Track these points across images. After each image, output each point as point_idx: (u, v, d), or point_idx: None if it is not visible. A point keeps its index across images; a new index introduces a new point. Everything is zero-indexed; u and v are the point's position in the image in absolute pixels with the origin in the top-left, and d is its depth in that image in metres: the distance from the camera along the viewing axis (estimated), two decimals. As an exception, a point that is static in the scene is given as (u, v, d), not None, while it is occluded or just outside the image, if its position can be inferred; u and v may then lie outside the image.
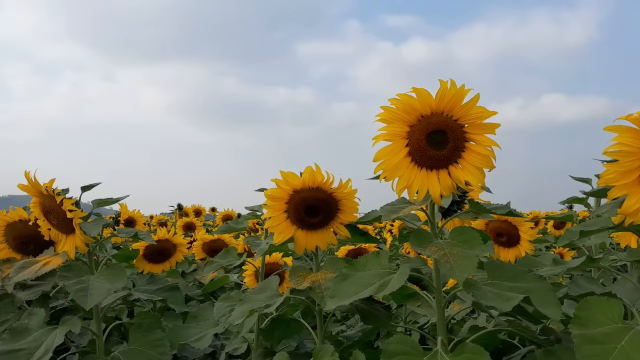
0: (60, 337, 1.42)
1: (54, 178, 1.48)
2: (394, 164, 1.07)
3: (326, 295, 1.19)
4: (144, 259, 2.44)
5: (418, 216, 1.36)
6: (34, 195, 1.57)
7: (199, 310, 1.70)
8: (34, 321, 1.53)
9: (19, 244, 1.73)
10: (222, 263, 1.68)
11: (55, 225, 1.56)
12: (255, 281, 2.09)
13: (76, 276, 1.50)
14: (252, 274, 2.24)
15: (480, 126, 1.05)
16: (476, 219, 1.51)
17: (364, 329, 1.50)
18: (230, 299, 1.55)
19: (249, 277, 2.26)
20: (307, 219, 1.32)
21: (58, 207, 1.50)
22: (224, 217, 5.71)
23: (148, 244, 2.28)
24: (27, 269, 1.51)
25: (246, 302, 1.36)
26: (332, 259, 1.33)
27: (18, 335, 1.47)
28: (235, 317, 1.31)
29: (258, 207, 1.76)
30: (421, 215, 1.42)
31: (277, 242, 1.35)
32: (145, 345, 1.53)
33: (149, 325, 1.60)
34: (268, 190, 1.30)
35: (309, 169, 1.26)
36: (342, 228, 1.35)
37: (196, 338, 1.56)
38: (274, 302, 1.30)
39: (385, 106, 1.06)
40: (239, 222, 1.73)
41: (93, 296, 1.42)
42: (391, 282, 1.07)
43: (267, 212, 1.33)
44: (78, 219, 1.49)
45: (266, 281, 1.41)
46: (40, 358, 1.38)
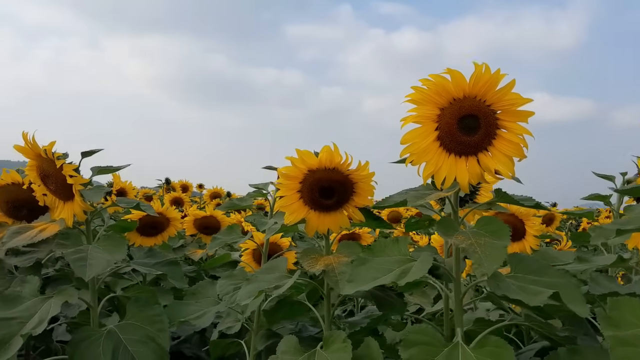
0: (57, 308, 1.36)
1: (54, 141, 1.40)
2: (422, 148, 1.03)
3: (341, 280, 1.15)
4: (136, 232, 2.38)
5: (430, 204, 1.33)
6: (30, 158, 1.50)
7: (197, 287, 1.65)
8: (26, 289, 1.46)
9: (11, 208, 1.65)
10: (226, 240, 1.63)
11: (53, 190, 1.49)
12: (253, 260, 2.05)
13: (74, 245, 1.44)
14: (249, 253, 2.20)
15: (513, 113, 1.01)
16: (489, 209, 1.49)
17: (370, 315, 1.47)
18: (234, 277, 1.50)
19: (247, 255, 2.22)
20: (321, 200, 1.27)
21: (57, 171, 1.43)
22: (212, 195, 5.64)
23: (141, 215, 2.22)
24: (22, 234, 1.45)
25: (253, 282, 1.31)
26: (345, 242, 1.29)
27: (10, 303, 1.41)
28: (242, 297, 1.27)
29: (263, 185, 1.71)
30: (433, 203, 1.38)
31: (289, 222, 1.30)
32: (143, 321, 1.48)
33: (146, 300, 1.54)
34: (282, 168, 1.25)
35: (326, 148, 1.21)
36: (357, 212, 1.31)
37: (196, 316, 1.51)
38: (283, 284, 1.26)
39: (416, 86, 1.01)
40: (243, 200, 1.68)
41: (92, 267, 1.36)
42: (412, 269, 1.04)
43: (280, 190, 1.28)
44: (79, 185, 1.43)
45: (274, 261, 1.36)
46: (34, 327, 1.32)
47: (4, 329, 1.35)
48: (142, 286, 1.68)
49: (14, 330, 1.35)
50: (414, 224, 1.52)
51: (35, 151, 1.44)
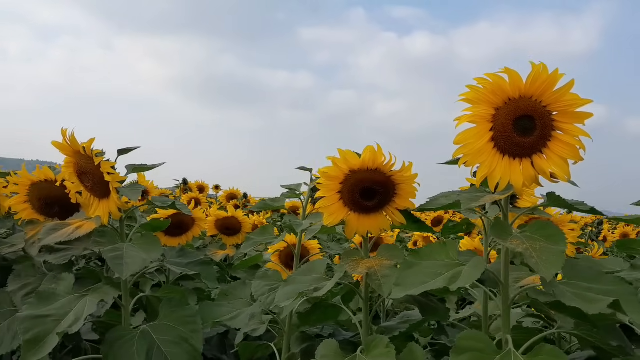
0: (93, 306, 1.35)
1: (93, 137, 1.40)
2: (476, 149, 1.00)
3: (384, 283, 1.13)
4: (161, 231, 2.37)
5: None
6: (67, 155, 1.49)
7: (229, 288, 1.64)
8: (61, 287, 1.46)
9: (43, 205, 1.65)
10: (259, 240, 1.61)
11: (89, 188, 1.48)
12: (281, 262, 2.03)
13: (110, 243, 1.43)
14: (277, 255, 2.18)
15: (571, 115, 0.98)
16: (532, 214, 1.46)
17: (408, 320, 1.44)
18: (268, 278, 1.49)
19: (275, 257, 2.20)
20: (362, 201, 1.25)
21: (95, 169, 1.42)
22: (229, 196, 5.64)
23: (169, 214, 2.22)
24: (59, 231, 1.44)
25: (291, 284, 1.29)
26: (386, 246, 1.27)
27: (45, 301, 1.40)
28: (280, 299, 1.25)
29: (295, 185, 1.69)
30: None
31: (328, 223, 1.28)
32: (176, 321, 1.47)
33: (179, 301, 1.53)
34: (323, 168, 1.23)
35: (369, 148, 1.19)
36: (398, 214, 1.28)
37: (231, 317, 1.50)
38: (322, 286, 1.24)
39: (471, 85, 0.99)
40: (276, 200, 1.66)
41: (129, 265, 1.35)
42: (463, 274, 1.01)
43: (320, 191, 1.26)
44: (116, 183, 1.42)
45: (311, 264, 1.34)
46: (70, 326, 1.31)
47: (39, 327, 1.34)
48: (172, 286, 1.67)
49: (48, 328, 1.34)
50: (452, 227, 1.49)
51: (74, 148, 1.43)
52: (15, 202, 1.63)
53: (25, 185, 1.62)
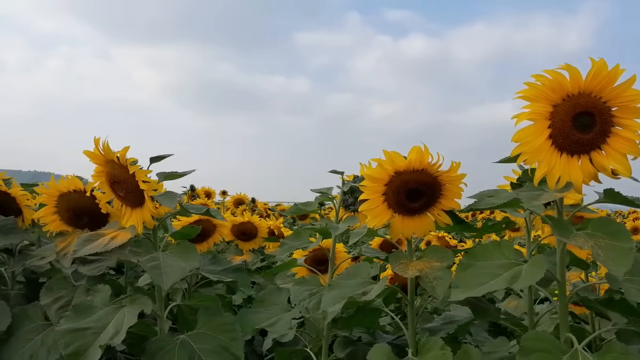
0: (133, 317, 1.32)
1: (128, 146, 1.37)
2: (535, 147, 0.99)
3: (437, 285, 1.11)
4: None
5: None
6: (98, 164, 1.46)
7: (265, 294, 1.61)
8: (97, 298, 1.43)
9: (72, 216, 1.62)
10: (295, 245, 1.59)
11: (122, 197, 1.45)
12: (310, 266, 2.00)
13: (147, 252, 1.41)
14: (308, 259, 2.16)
15: (632, 110, 0.97)
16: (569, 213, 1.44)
17: (451, 321, 1.42)
18: (307, 283, 1.46)
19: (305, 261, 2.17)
20: (407, 203, 1.23)
21: (129, 177, 1.40)
22: (236, 201, 5.61)
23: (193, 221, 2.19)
24: (94, 242, 1.41)
25: (336, 288, 1.27)
26: (433, 247, 1.25)
27: (83, 313, 1.37)
28: (327, 303, 1.23)
29: (327, 189, 1.67)
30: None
31: (372, 226, 1.26)
32: (215, 330, 1.44)
33: (216, 309, 1.51)
34: (368, 170, 1.21)
35: (416, 148, 1.17)
36: (443, 215, 1.26)
37: (270, 323, 1.47)
38: (369, 290, 1.22)
39: (529, 82, 0.97)
40: (308, 204, 1.64)
41: (168, 275, 1.32)
42: (524, 273, 0.99)
43: (364, 193, 1.24)
44: (152, 191, 1.39)
45: (355, 267, 1.32)
46: (112, 338, 1.28)
47: (79, 340, 1.31)
48: (204, 294, 1.64)
49: (88, 340, 1.32)
50: (491, 226, 1.47)
51: (107, 157, 1.40)
52: (43, 213, 1.60)
53: (53, 196, 1.59)
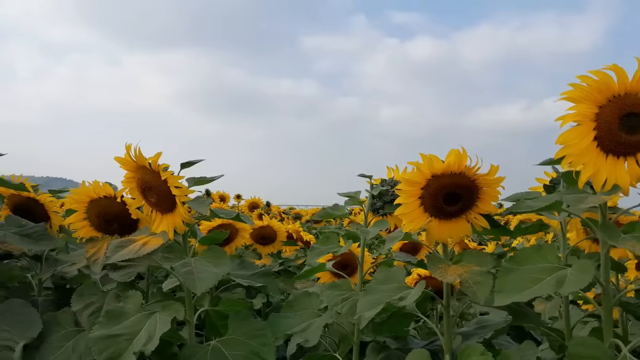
0: (166, 324, 1.32)
1: (160, 152, 1.37)
2: (581, 149, 0.97)
3: (478, 290, 1.09)
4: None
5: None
6: (129, 170, 1.47)
7: (294, 299, 1.60)
8: (129, 304, 1.43)
9: (102, 222, 1.62)
10: (325, 249, 1.58)
11: (154, 202, 1.45)
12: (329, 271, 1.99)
13: (178, 258, 1.41)
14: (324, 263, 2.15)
15: (679, 110, 0.95)
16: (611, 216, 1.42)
17: (485, 325, 1.40)
18: (338, 287, 1.45)
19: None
20: (444, 207, 1.22)
21: (162, 183, 1.39)
22: (251, 205, 5.61)
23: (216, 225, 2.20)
24: (126, 248, 1.41)
25: (371, 293, 1.26)
26: (471, 252, 1.23)
27: (115, 319, 1.37)
28: (362, 308, 1.22)
29: (355, 192, 1.66)
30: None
31: (408, 230, 1.25)
32: (245, 335, 1.44)
33: (246, 314, 1.50)
34: (404, 174, 1.20)
35: (455, 151, 1.16)
36: (481, 218, 1.25)
37: (302, 328, 1.46)
38: (407, 294, 1.20)
39: (574, 83, 0.96)
40: (337, 209, 1.63)
41: (202, 280, 1.32)
42: (569, 278, 0.97)
43: (400, 197, 1.23)
44: (184, 197, 1.39)
45: (390, 272, 1.31)
46: (145, 344, 1.28)
47: (112, 347, 1.31)
48: (232, 299, 1.63)
49: (122, 347, 1.31)
50: (524, 229, 1.46)
51: (139, 163, 1.40)
52: (74, 219, 1.60)
53: (83, 203, 1.59)
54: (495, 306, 1.07)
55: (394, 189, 1.29)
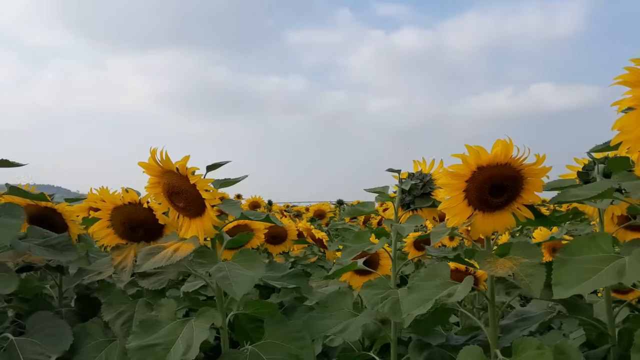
0: (204, 332, 1.28)
1: (188, 155, 1.33)
2: (638, 135, 0.94)
3: (532, 283, 1.07)
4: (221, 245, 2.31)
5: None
6: (154, 175, 1.42)
7: (327, 299, 1.57)
8: (162, 313, 1.39)
9: (127, 229, 1.58)
10: (357, 248, 1.55)
11: (181, 207, 1.41)
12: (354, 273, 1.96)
13: (211, 263, 1.37)
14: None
15: None
16: None
17: (526, 318, 1.38)
18: (374, 286, 1.42)
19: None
20: (490, 199, 1.19)
21: (191, 188, 1.35)
22: (252, 204, 5.56)
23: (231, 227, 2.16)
24: (156, 255, 1.37)
25: (415, 291, 1.23)
26: (519, 243, 1.20)
27: (150, 329, 1.34)
28: (408, 307, 1.19)
29: (382, 188, 1.63)
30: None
31: (451, 225, 1.22)
32: (283, 339, 1.40)
33: (280, 317, 1.47)
34: (450, 166, 1.17)
35: (501, 142, 1.13)
36: (525, 209, 1.22)
37: (340, 329, 1.43)
38: (454, 291, 1.18)
39: (629, 67, 0.93)
40: (366, 205, 1.60)
41: (238, 284, 1.28)
42: (629, 267, 0.95)
43: (444, 190, 1.20)
44: (214, 200, 1.35)
45: (433, 268, 1.28)
46: (184, 354, 1.24)
47: (150, 357, 1.28)
48: (261, 302, 1.60)
49: (159, 357, 1.28)
50: (558, 217, 1.43)
51: (165, 167, 1.36)
52: (98, 227, 1.56)
53: (108, 210, 1.55)
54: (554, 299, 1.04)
55: (434, 182, 1.26)
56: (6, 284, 1.43)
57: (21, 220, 1.44)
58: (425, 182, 1.53)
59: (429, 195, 1.54)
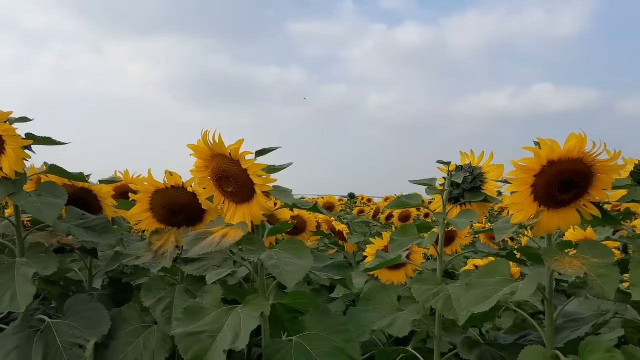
0: (253, 320, 1.24)
1: (242, 139, 1.29)
2: None
3: (605, 284, 1.03)
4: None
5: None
6: (203, 158, 1.38)
7: (370, 292, 1.54)
8: (207, 300, 1.35)
9: (168, 213, 1.53)
10: (404, 241, 1.51)
11: (229, 192, 1.37)
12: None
13: (260, 250, 1.33)
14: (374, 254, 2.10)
15: None
16: None
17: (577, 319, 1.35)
18: (424, 281, 1.38)
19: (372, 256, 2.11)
20: (558, 195, 1.15)
21: (242, 172, 1.32)
22: (263, 195, 5.50)
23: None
24: (204, 240, 1.33)
25: (474, 288, 1.20)
26: (588, 242, 1.16)
27: (195, 316, 1.30)
28: (469, 304, 1.15)
29: (430, 180, 1.59)
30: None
31: (516, 221, 1.18)
32: (327, 331, 1.37)
33: (325, 308, 1.43)
34: (521, 159, 1.13)
35: (575, 136, 1.09)
36: (591, 206, 1.18)
37: (387, 323, 1.40)
38: (516, 288, 1.14)
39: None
40: (411, 197, 1.56)
41: (289, 273, 1.25)
42: None
43: (513, 185, 1.16)
44: (267, 186, 1.32)
45: (491, 265, 1.24)
46: (233, 342, 1.21)
47: (197, 344, 1.24)
48: (299, 292, 1.56)
49: (206, 345, 1.24)
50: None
51: (217, 151, 1.32)
52: (137, 211, 1.51)
53: (148, 193, 1.51)
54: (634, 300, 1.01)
55: (485, 176, 1.22)
56: (45, 265, 1.39)
57: (64, 200, 1.40)
58: (475, 176, 1.49)
59: (479, 190, 1.50)
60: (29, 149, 1.43)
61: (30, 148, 1.44)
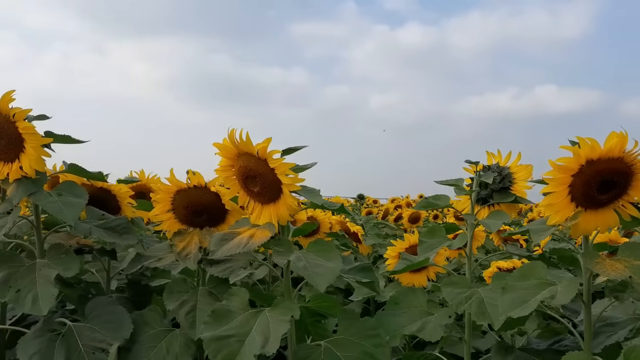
0: (283, 324, 1.20)
1: (269, 137, 1.26)
2: None
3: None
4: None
5: None
6: (228, 157, 1.35)
7: (397, 295, 1.50)
8: (234, 302, 1.32)
9: (190, 213, 1.50)
10: (433, 243, 1.48)
11: (255, 192, 1.34)
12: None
13: (288, 251, 1.30)
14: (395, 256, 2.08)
15: None
16: None
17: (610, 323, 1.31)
18: (455, 284, 1.35)
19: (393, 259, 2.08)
20: (596, 195, 1.12)
21: (269, 172, 1.29)
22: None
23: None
24: (231, 241, 1.30)
25: (510, 291, 1.16)
26: (629, 244, 1.14)
27: (222, 319, 1.26)
28: (506, 309, 1.12)
29: (457, 180, 1.56)
30: None
31: (553, 222, 1.15)
32: (357, 335, 1.33)
33: (354, 312, 1.40)
34: (558, 159, 1.10)
35: (615, 134, 1.06)
36: (630, 207, 1.15)
37: (418, 327, 1.36)
38: (555, 292, 1.11)
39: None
40: (438, 198, 1.53)
41: (319, 275, 1.21)
42: None
43: (549, 185, 1.13)
44: (295, 186, 1.28)
45: (526, 267, 1.21)
46: (263, 347, 1.17)
47: (225, 348, 1.21)
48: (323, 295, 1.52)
49: (234, 349, 1.21)
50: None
51: (243, 149, 1.29)
52: (159, 211, 1.48)
53: (170, 193, 1.47)
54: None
55: (514, 176, 1.19)
56: (67, 267, 1.36)
57: (84, 199, 1.37)
58: (504, 176, 1.46)
59: (507, 190, 1.47)
60: (49, 147, 1.40)
61: (50, 146, 1.41)
